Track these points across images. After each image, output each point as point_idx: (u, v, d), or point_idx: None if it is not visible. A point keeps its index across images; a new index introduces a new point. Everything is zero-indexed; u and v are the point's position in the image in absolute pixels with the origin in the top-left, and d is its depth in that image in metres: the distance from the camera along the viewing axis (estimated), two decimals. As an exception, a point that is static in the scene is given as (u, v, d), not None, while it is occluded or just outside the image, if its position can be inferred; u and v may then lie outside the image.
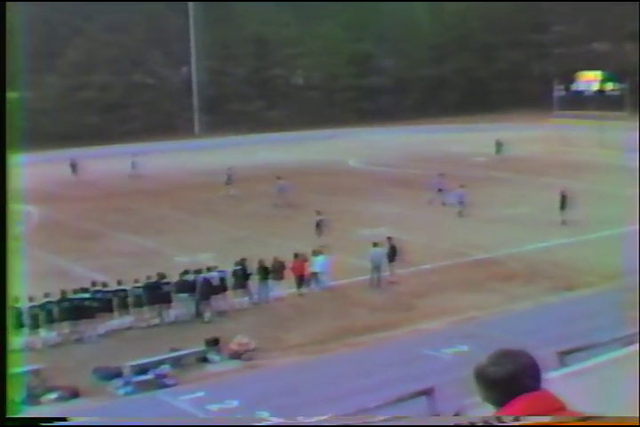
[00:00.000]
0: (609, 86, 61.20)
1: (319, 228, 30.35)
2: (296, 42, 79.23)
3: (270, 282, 24.34)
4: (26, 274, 18.00)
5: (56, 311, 21.43)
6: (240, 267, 24.06)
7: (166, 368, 18.97)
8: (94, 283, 22.69)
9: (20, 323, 20.56)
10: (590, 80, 61.94)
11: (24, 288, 19.14)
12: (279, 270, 24.56)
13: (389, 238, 26.40)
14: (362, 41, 79.82)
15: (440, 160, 48.82)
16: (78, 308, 21.55)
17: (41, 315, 21.19)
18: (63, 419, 3.21)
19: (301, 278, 24.94)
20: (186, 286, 22.95)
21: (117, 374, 18.73)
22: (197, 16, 75.05)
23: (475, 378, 3.17)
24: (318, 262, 25.11)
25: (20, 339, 20.28)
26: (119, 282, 22.78)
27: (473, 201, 34.85)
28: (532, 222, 32.43)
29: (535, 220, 32.84)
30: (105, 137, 63.76)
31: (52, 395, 17.79)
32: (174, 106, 74.77)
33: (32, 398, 17.62)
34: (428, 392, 9.46)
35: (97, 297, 22.00)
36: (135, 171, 48.38)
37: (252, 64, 78.84)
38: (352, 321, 22.14)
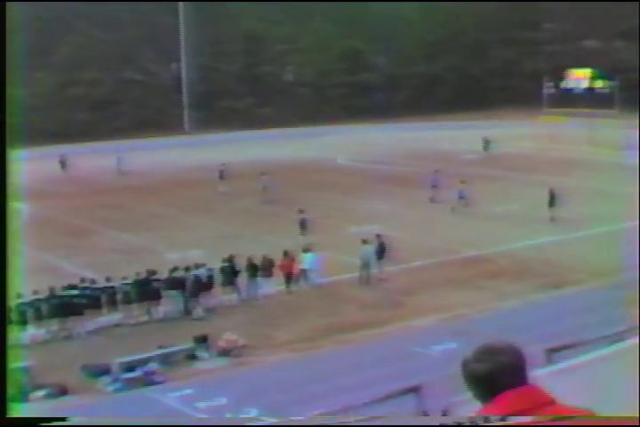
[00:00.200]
0: (599, 84, 61.29)
1: (303, 227, 30.15)
2: (287, 39, 79.16)
3: (259, 279, 24.29)
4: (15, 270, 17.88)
5: (44, 308, 21.35)
6: (228, 264, 24.01)
7: (155, 365, 18.92)
8: (83, 279, 22.64)
9: (9, 320, 20.48)
10: (580, 78, 62.05)
11: (13, 285, 19.02)
12: (268, 268, 24.51)
13: (378, 236, 26.36)
14: (353, 38, 79.81)
15: (431, 157, 48.82)
16: (67, 305, 21.48)
17: (29, 312, 21.10)
18: (62, 419, 3.20)
19: (290, 276, 24.91)
20: (175, 283, 22.89)
21: (106, 371, 18.66)
22: (188, 13, 74.94)
23: (461, 374, 3.14)
24: (307, 260, 25.08)
25: (9, 336, 20.18)
26: (107, 279, 22.75)
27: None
28: (522, 220, 32.48)
29: (525, 217, 32.90)
30: (95, 133, 63.63)
31: (41, 392, 17.71)
32: (164, 103, 74.65)
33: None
34: (416, 390, 9.44)
35: (85, 294, 21.92)
36: (120, 167, 48.20)
37: (243, 61, 78.75)
38: (341, 318, 22.13)
